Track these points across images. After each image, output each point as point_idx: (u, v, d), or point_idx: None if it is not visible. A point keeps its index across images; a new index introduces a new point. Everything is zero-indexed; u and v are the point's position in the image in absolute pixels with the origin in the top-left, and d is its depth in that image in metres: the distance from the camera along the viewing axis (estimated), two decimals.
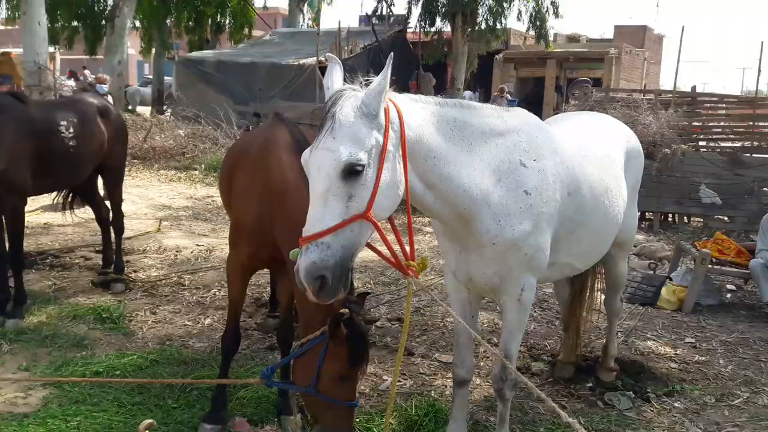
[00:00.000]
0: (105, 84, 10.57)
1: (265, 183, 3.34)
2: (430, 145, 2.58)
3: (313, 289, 2.26)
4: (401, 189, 2.46)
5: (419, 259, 2.60)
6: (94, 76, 22.08)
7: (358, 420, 3.52)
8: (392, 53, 2.42)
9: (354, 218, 2.28)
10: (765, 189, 9.94)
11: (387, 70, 2.33)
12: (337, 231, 2.26)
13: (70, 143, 5.26)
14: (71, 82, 18.85)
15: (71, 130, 5.28)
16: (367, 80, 2.44)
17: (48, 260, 6.54)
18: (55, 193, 6.09)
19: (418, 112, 2.60)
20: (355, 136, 2.28)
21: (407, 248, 2.58)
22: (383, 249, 2.58)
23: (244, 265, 3.57)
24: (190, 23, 25.37)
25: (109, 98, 10.65)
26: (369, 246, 2.51)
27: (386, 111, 2.39)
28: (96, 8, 23.73)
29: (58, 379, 3.82)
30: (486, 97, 23.21)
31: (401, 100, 2.54)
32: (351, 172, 2.26)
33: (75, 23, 24.45)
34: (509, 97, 18.95)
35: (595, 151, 3.47)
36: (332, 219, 2.26)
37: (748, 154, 11.02)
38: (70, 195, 6.22)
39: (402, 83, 19.05)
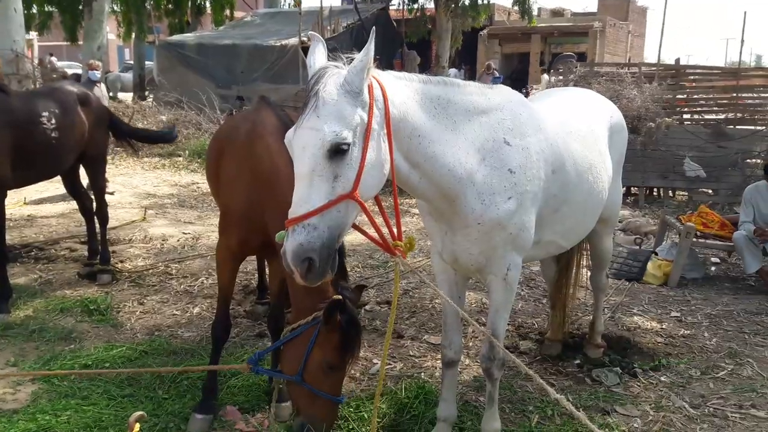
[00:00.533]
0: (97, 70, 10.25)
1: (254, 170, 3.30)
2: (414, 123, 2.56)
3: (301, 271, 2.24)
4: (387, 168, 2.43)
5: (406, 239, 2.58)
6: (59, 63, 21.42)
7: (351, 409, 3.54)
8: (374, 28, 2.36)
9: (340, 198, 2.25)
10: (748, 161, 10.03)
11: (369, 46, 2.28)
12: (324, 212, 2.23)
13: (52, 134, 5.18)
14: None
15: (53, 120, 5.19)
16: (350, 57, 2.39)
17: (33, 253, 6.47)
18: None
19: (402, 90, 2.56)
20: (339, 114, 2.24)
21: (394, 229, 2.56)
22: (370, 230, 2.56)
23: (234, 252, 3.53)
24: (170, 6, 24.92)
25: (102, 86, 10.41)
26: (356, 227, 2.49)
27: (370, 88, 2.35)
28: None
29: (46, 372, 3.79)
30: (471, 75, 23.11)
31: (385, 78, 2.51)
32: (336, 151, 2.22)
33: (50, 8, 23.94)
34: (496, 74, 18.86)
35: (578, 127, 3.46)
36: (318, 200, 2.23)
37: (732, 126, 11.08)
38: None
39: (386, 62, 18.90)
